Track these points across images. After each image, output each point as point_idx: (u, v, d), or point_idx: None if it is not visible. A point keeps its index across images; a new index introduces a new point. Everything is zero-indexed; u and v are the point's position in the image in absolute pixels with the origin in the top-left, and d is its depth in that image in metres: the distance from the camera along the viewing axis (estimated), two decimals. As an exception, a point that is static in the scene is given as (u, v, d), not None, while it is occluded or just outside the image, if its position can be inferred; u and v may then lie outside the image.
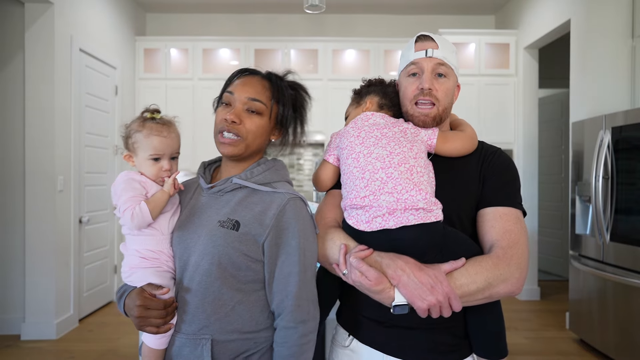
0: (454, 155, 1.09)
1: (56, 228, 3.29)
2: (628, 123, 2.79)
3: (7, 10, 3.28)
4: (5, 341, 3.19)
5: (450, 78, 1.10)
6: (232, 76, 1.09)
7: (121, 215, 1.00)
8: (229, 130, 1.02)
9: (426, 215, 0.94)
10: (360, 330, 1.09)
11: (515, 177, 1.08)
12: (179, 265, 1.04)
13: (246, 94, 1.03)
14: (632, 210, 2.74)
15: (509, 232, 0.99)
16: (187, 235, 1.05)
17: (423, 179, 0.97)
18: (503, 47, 4.52)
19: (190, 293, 1.01)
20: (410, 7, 4.92)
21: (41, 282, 3.25)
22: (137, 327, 0.99)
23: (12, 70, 3.30)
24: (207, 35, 4.88)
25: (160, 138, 1.05)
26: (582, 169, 3.22)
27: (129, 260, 1.03)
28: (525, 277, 0.97)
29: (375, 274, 0.91)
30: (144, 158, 1.06)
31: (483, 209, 1.04)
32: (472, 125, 1.19)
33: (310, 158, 5.14)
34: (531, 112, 4.41)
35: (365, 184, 0.98)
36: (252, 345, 1.01)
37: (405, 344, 1.03)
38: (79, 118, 3.61)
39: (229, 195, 1.05)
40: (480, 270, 0.93)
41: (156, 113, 1.08)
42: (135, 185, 1.04)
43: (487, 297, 0.94)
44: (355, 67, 4.77)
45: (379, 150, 1.00)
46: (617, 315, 2.85)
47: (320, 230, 1.09)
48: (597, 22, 3.32)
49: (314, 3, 2.78)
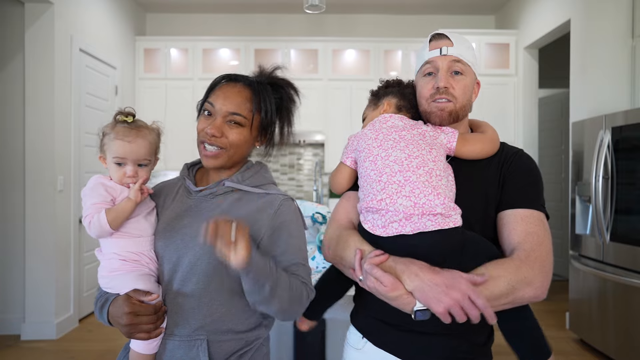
0: (474, 158, 1.06)
1: (56, 228, 3.29)
2: (628, 123, 2.79)
3: (7, 10, 3.28)
4: (5, 341, 3.19)
5: (468, 75, 1.07)
6: (214, 83, 1.07)
7: (84, 223, 0.98)
8: (210, 143, 1.01)
9: (444, 221, 0.91)
10: (374, 333, 1.07)
11: (538, 179, 1.04)
12: (167, 267, 1.01)
13: (226, 108, 1.02)
14: (632, 210, 2.74)
15: (532, 234, 0.95)
16: (176, 237, 1.02)
17: (442, 183, 0.95)
18: (503, 47, 4.52)
19: (183, 295, 0.99)
20: (411, 7, 4.92)
21: (41, 282, 3.25)
22: (127, 335, 0.95)
23: (12, 70, 3.30)
24: (207, 35, 4.88)
25: (123, 143, 1.01)
26: (582, 169, 3.22)
27: (108, 264, 0.99)
28: (550, 281, 0.93)
29: (391, 279, 0.89)
30: (110, 162, 1.03)
31: (504, 212, 1.00)
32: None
33: (310, 158, 5.14)
34: (531, 112, 4.41)
35: (382, 187, 0.95)
36: (244, 344, 1.02)
37: (420, 348, 1.01)
38: (78, 118, 3.61)
39: (220, 198, 1.05)
40: (502, 274, 0.89)
41: (129, 116, 1.04)
42: (101, 191, 0.99)
43: (511, 301, 0.90)
44: (355, 67, 4.77)
45: (397, 153, 0.98)
46: (617, 315, 2.85)
47: (335, 231, 1.08)
48: (597, 22, 3.32)
49: (314, 3, 2.78)
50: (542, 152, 5.14)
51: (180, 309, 0.99)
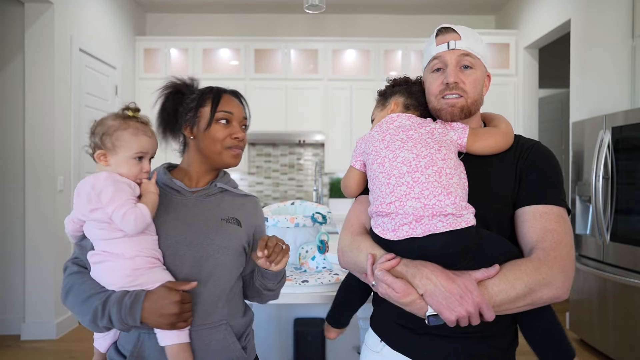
0: (487, 154, 1.02)
1: (56, 228, 3.29)
2: (628, 123, 2.79)
3: (7, 10, 3.28)
4: (5, 341, 3.19)
5: (478, 68, 1.03)
6: (218, 96, 1.18)
7: (120, 220, 0.96)
8: (238, 147, 1.16)
9: (456, 221, 0.88)
10: (391, 337, 1.06)
11: (557, 172, 1.00)
12: (184, 263, 1.06)
13: (241, 114, 1.19)
14: (632, 210, 2.74)
15: (551, 231, 0.91)
16: (190, 233, 1.08)
17: (453, 181, 0.91)
18: (503, 47, 4.52)
19: (207, 286, 1.07)
20: (411, 7, 4.92)
21: (41, 282, 3.25)
22: (169, 326, 0.98)
23: (12, 70, 3.30)
24: (207, 35, 4.88)
25: (146, 137, 1.05)
26: (582, 169, 3.22)
27: (131, 263, 0.99)
28: (571, 280, 0.90)
29: (402, 285, 0.87)
30: (127, 157, 1.03)
31: (521, 208, 0.96)
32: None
33: (310, 158, 5.14)
34: (531, 112, 4.41)
35: (391, 190, 0.93)
36: (245, 328, 1.17)
37: (438, 352, 0.99)
38: (78, 118, 3.61)
39: (212, 198, 1.16)
40: (519, 275, 0.86)
41: (137, 112, 1.07)
42: (125, 187, 1.01)
43: (530, 303, 0.88)
44: (356, 67, 4.77)
45: (405, 153, 0.95)
46: (617, 315, 2.85)
47: (347, 237, 1.08)
48: (597, 22, 3.32)
49: (314, 3, 2.78)
50: (542, 152, 5.14)
51: (204, 299, 1.07)
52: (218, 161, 1.16)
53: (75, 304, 1.01)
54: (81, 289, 1.01)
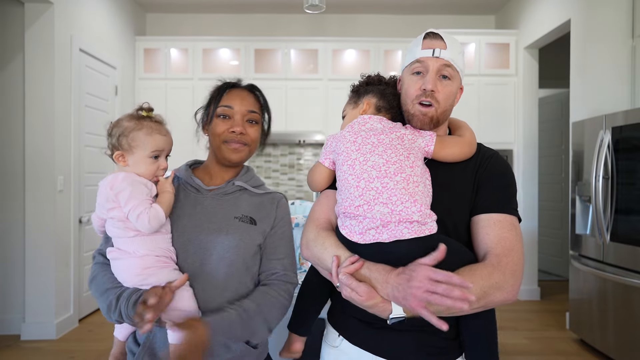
0: (451, 161, 1.07)
1: (56, 228, 3.29)
2: (628, 123, 2.79)
3: (7, 10, 3.28)
4: (5, 341, 3.19)
5: (455, 81, 1.07)
6: (221, 91, 1.18)
7: (136, 219, 1.00)
8: (237, 141, 1.14)
9: (420, 228, 0.93)
10: (350, 331, 1.09)
11: (511, 183, 1.06)
12: (196, 258, 1.08)
13: (245, 107, 1.16)
14: (632, 210, 2.74)
15: (504, 239, 0.98)
16: (202, 232, 1.10)
17: (418, 189, 0.96)
18: (503, 47, 4.52)
19: (218, 286, 1.08)
20: (411, 7, 4.92)
21: (41, 282, 3.25)
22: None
23: (12, 70, 3.30)
24: (207, 35, 4.88)
25: (161, 136, 1.09)
26: (582, 169, 3.22)
27: (141, 262, 1.02)
28: (520, 283, 0.96)
29: (366, 289, 0.91)
30: (144, 156, 1.07)
31: (477, 216, 1.02)
32: (472, 125, 1.17)
33: (310, 158, 5.14)
34: (531, 112, 4.41)
35: (360, 193, 0.96)
36: None
37: (395, 345, 1.03)
38: (79, 118, 3.61)
39: (230, 196, 1.16)
40: (475, 279, 0.90)
41: (150, 112, 1.11)
42: (142, 187, 1.05)
43: (483, 305, 0.93)
44: (356, 67, 4.77)
45: (375, 158, 0.99)
46: (617, 315, 2.85)
47: (313, 232, 1.09)
48: (597, 22, 3.32)
49: (314, 3, 2.78)
50: (542, 152, 5.14)
51: (214, 288, 1.08)
52: (220, 157, 1.17)
53: (96, 293, 1.08)
54: (102, 280, 1.07)
